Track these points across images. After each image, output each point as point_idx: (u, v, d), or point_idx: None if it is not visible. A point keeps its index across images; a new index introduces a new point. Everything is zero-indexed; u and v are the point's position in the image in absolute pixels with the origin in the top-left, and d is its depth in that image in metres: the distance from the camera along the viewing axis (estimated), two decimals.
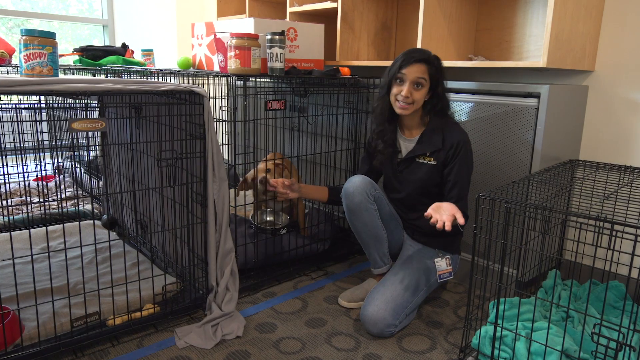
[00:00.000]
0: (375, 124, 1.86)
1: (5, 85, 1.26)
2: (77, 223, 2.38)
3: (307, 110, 2.53)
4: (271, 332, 1.70)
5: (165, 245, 2.03)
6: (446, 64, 2.11)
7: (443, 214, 1.53)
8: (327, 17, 2.87)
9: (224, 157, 2.24)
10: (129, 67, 2.47)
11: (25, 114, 3.02)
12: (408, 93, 1.70)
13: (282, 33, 1.96)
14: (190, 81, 2.26)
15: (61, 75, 2.04)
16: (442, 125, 1.77)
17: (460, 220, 1.51)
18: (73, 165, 3.19)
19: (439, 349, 1.62)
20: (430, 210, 1.56)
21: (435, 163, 1.77)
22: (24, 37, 1.43)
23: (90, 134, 2.58)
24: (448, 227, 1.48)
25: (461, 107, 2.05)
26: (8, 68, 2.63)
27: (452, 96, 2.06)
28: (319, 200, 2.01)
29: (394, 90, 1.74)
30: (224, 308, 1.72)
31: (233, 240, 1.82)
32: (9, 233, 2.20)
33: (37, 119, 2.93)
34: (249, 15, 3.14)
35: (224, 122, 1.97)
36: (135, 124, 2.01)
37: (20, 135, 2.97)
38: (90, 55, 2.84)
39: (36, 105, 1.55)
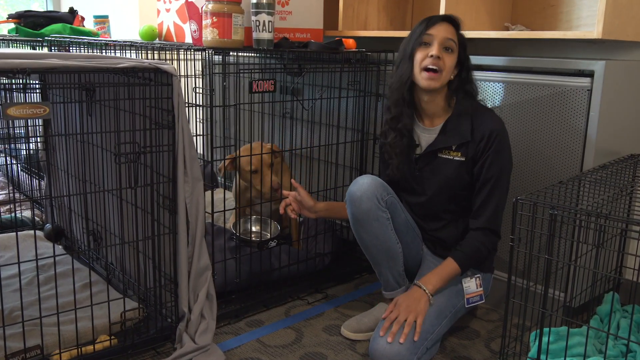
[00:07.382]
0: (390, 107, 1.86)
1: None
2: (14, 234, 2.38)
3: (303, 93, 2.53)
4: None
5: (124, 262, 2.04)
6: (477, 34, 2.12)
7: (402, 312, 1.69)
8: None
9: (198, 151, 2.24)
10: (78, 38, 2.47)
11: None
12: (439, 52, 1.72)
13: None
14: (156, 56, 2.26)
15: None
16: (472, 109, 1.78)
17: (418, 329, 1.65)
18: (8, 162, 3.18)
19: None
20: (391, 305, 1.75)
21: (463, 159, 1.78)
22: None
23: (30, 122, 2.58)
24: (403, 337, 1.62)
25: (494, 89, 2.05)
26: None
27: (483, 75, 2.07)
28: (344, 218, 1.96)
29: (419, 56, 1.75)
30: (198, 340, 1.72)
31: (209, 256, 1.82)
32: None
33: None
34: None
35: (198, 108, 1.97)
36: (86, 110, 2.01)
37: None
38: (30, 22, 2.83)
39: None
